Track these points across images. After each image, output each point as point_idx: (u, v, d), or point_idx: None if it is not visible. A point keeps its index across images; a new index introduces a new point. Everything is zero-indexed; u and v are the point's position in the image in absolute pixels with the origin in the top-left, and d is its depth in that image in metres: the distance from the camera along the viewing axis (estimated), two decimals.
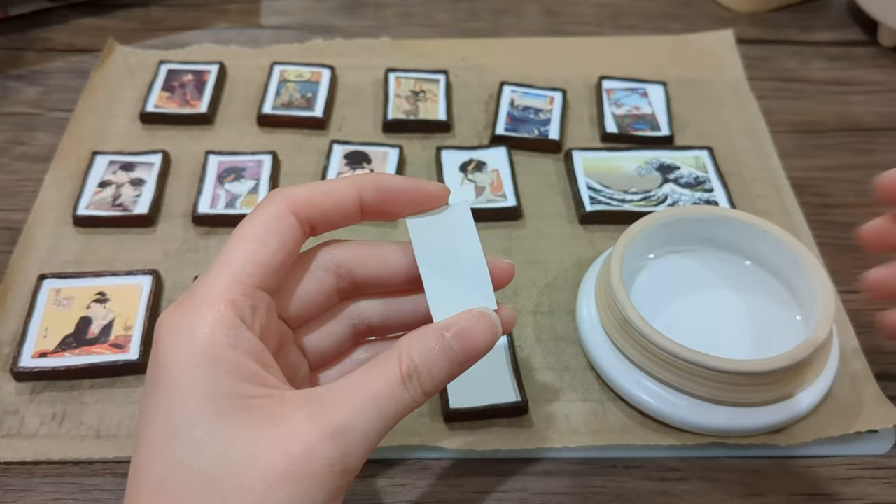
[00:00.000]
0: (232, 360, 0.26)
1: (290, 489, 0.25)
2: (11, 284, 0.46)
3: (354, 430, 0.27)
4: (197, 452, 0.25)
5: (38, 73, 0.62)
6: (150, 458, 0.26)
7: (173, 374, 0.26)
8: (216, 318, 0.27)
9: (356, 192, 0.30)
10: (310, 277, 0.31)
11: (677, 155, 0.55)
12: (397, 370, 0.28)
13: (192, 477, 0.25)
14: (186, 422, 0.26)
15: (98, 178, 0.52)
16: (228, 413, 0.26)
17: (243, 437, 0.26)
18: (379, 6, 0.70)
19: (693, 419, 0.40)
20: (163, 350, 0.27)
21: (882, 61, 0.66)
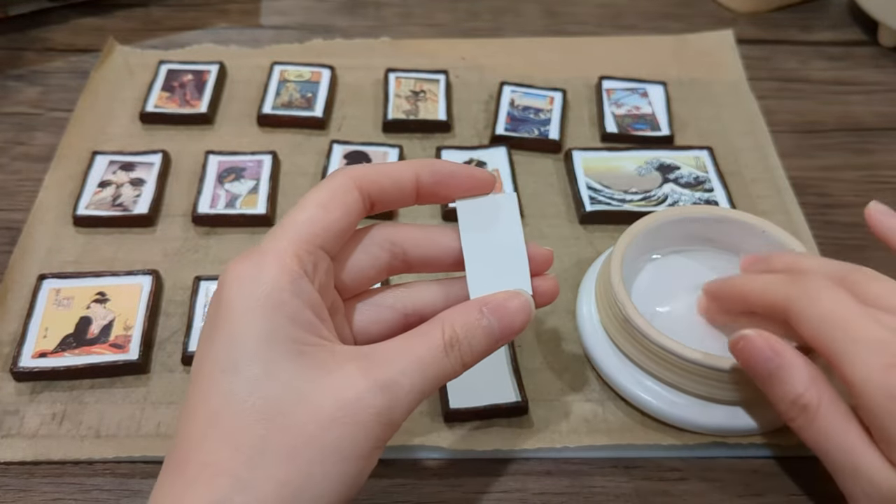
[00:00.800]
0: (292, 306, 0.28)
1: (338, 432, 0.27)
2: (11, 284, 0.46)
3: (401, 386, 0.28)
4: (252, 388, 0.27)
5: (38, 73, 0.62)
6: (205, 392, 0.28)
7: (235, 315, 0.28)
8: (281, 267, 0.29)
9: (413, 173, 0.33)
10: (364, 251, 0.33)
11: (677, 155, 0.55)
12: (440, 338, 0.30)
13: (246, 410, 0.27)
14: (244, 359, 0.27)
15: (98, 178, 0.52)
16: (284, 356, 0.27)
17: (297, 380, 0.27)
18: (379, 6, 0.70)
19: (693, 419, 0.40)
20: (227, 293, 0.28)
21: (882, 61, 0.66)
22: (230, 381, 0.27)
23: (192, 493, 0.26)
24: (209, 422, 0.27)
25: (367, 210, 0.32)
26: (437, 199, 0.34)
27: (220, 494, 0.26)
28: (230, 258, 0.48)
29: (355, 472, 0.28)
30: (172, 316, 0.46)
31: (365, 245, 0.33)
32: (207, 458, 0.27)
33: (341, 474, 0.27)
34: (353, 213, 0.31)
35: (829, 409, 0.33)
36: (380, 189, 0.32)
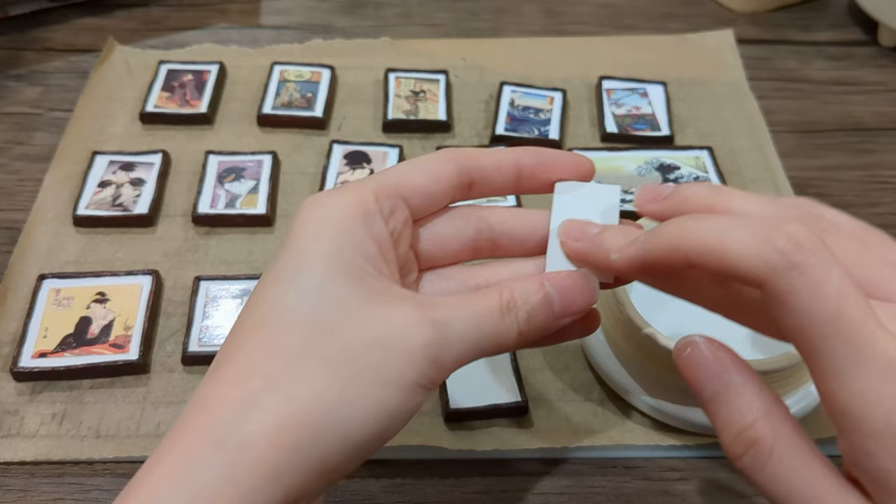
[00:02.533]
0: (359, 236, 0.28)
1: (381, 354, 0.26)
2: (11, 284, 0.46)
3: (451, 328, 0.27)
4: (302, 298, 0.27)
5: (38, 73, 0.62)
6: (258, 299, 0.28)
7: (304, 234, 0.28)
8: (358, 199, 0.29)
9: (514, 155, 0.32)
10: (450, 221, 0.33)
11: (677, 155, 0.55)
12: (496, 299, 0.29)
13: (292, 318, 0.27)
14: (302, 272, 0.27)
15: (98, 178, 0.52)
16: (342, 275, 0.27)
17: (350, 299, 0.27)
18: (379, 6, 0.70)
19: (693, 419, 0.40)
20: (302, 214, 0.29)
21: (882, 61, 0.66)
22: (283, 291, 0.27)
23: (221, 391, 0.26)
24: (253, 327, 0.27)
25: (466, 187, 0.32)
26: (538, 184, 0.33)
27: (249, 393, 0.26)
28: (230, 258, 0.49)
29: (394, 402, 0.26)
30: (172, 316, 0.46)
31: (451, 216, 0.33)
32: (243, 360, 0.27)
33: (379, 400, 0.26)
34: (445, 180, 0.31)
35: (787, 449, 0.25)
36: (478, 165, 0.32)
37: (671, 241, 0.27)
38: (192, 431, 0.26)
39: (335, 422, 0.25)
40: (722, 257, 0.25)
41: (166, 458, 0.25)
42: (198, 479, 0.25)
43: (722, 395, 0.27)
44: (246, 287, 0.46)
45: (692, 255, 0.26)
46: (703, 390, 0.28)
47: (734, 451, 0.27)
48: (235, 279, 0.46)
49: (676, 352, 0.29)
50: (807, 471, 0.25)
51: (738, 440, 0.26)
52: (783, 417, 0.26)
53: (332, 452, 0.26)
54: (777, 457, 0.25)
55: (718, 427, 0.27)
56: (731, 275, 0.25)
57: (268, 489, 0.25)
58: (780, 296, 0.24)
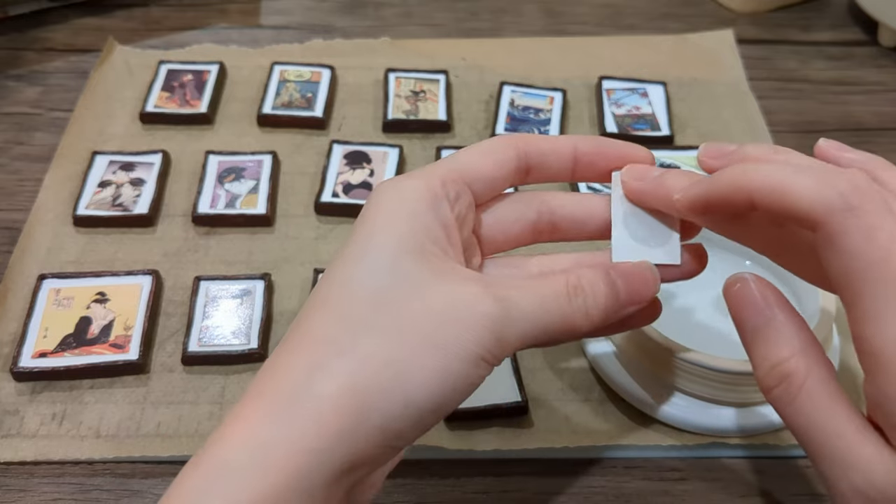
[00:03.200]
0: (427, 219, 0.29)
1: (445, 327, 0.27)
2: (11, 284, 0.46)
3: (516, 305, 0.28)
4: (370, 274, 0.28)
5: (38, 73, 0.62)
6: (326, 279, 0.29)
7: (374, 218, 0.29)
8: (426, 185, 0.30)
9: (572, 141, 0.33)
10: (511, 205, 0.34)
11: (677, 155, 0.55)
12: (563, 283, 0.29)
13: (360, 292, 0.28)
14: (370, 252, 0.28)
15: (98, 178, 0.52)
16: (409, 253, 0.28)
17: (416, 275, 0.28)
18: (379, 6, 0.70)
19: (693, 419, 0.40)
20: (373, 200, 0.30)
21: (882, 61, 0.66)
22: (351, 269, 0.28)
23: (289, 359, 0.27)
24: (321, 303, 0.28)
25: (523, 172, 0.33)
26: (595, 172, 0.33)
27: (316, 359, 0.26)
28: (230, 258, 0.49)
29: (456, 373, 0.27)
30: (172, 316, 0.46)
31: (512, 200, 0.34)
32: (310, 330, 0.28)
33: (442, 371, 0.27)
34: (506, 166, 0.32)
35: (817, 385, 0.27)
36: (537, 150, 0.32)
37: (735, 181, 0.28)
38: (260, 396, 0.27)
39: (398, 387, 0.26)
40: (784, 197, 0.26)
41: (235, 421, 0.26)
42: (265, 440, 0.25)
43: (762, 330, 0.29)
44: (246, 287, 0.46)
45: (756, 194, 0.27)
46: (745, 323, 0.30)
47: (767, 383, 0.28)
48: (235, 279, 0.46)
49: (726, 286, 0.30)
50: (833, 409, 0.27)
51: (773, 372, 0.28)
52: (818, 358, 0.28)
53: (395, 418, 0.26)
54: (807, 392, 0.27)
55: (755, 360, 0.29)
56: (791, 214, 0.27)
57: (333, 450, 0.25)
58: (833, 236, 0.26)
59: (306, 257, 0.49)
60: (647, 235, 0.32)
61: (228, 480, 0.25)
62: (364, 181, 0.53)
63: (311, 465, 0.25)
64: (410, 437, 0.27)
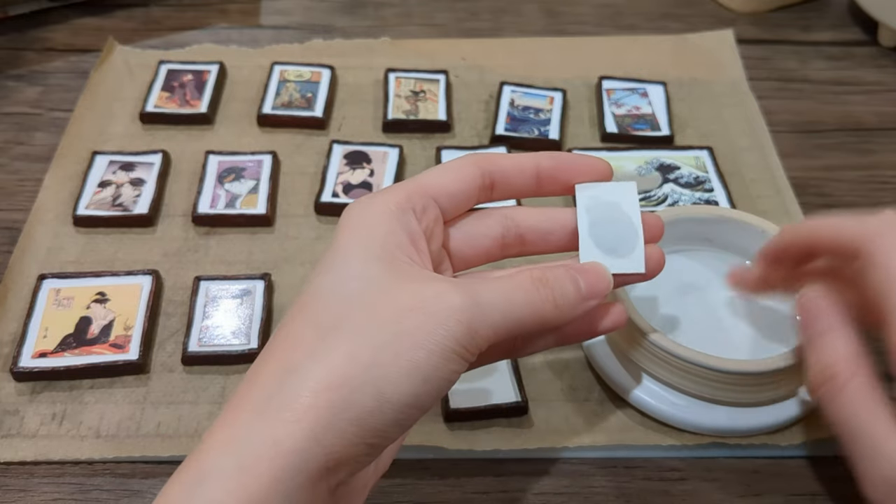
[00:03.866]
0: (392, 227, 0.30)
1: (413, 320, 0.28)
2: (11, 284, 0.46)
3: (484, 297, 0.29)
4: (340, 280, 0.29)
5: (38, 73, 0.62)
6: (304, 289, 0.30)
7: (343, 232, 0.31)
8: (392, 199, 0.31)
9: (534, 159, 0.35)
10: (478, 220, 0.35)
11: (677, 155, 0.55)
12: (528, 275, 0.31)
13: (331, 298, 0.29)
14: (340, 261, 0.30)
15: (98, 178, 0.52)
16: (375, 261, 0.30)
17: (383, 277, 0.29)
18: (379, 6, 0.70)
19: (693, 419, 0.40)
20: (343, 218, 0.32)
21: (882, 61, 0.66)
22: (323, 277, 0.30)
23: (266, 365, 0.28)
24: (297, 311, 0.29)
25: (487, 189, 0.34)
26: (557, 186, 0.35)
27: (289, 363, 0.28)
28: (230, 258, 0.49)
29: (427, 365, 0.27)
30: (172, 316, 0.46)
31: (479, 215, 0.35)
32: (286, 337, 0.29)
33: (411, 361, 0.27)
34: (469, 181, 0.33)
35: (858, 387, 0.33)
36: (499, 167, 0.34)
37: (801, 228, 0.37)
38: (239, 403, 0.28)
39: (370, 381, 0.27)
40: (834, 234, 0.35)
41: (216, 429, 0.27)
42: (243, 444, 0.26)
43: (822, 337, 0.35)
44: (246, 287, 0.46)
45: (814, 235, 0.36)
46: (810, 329, 0.36)
47: (816, 381, 0.35)
48: (235, 279, 0.46)
49: (801, 297, 0.37)
50: (869, 408, 0.32)
51: (821, 374, 0.34)
52: (863, 367, 0.34)
53: (369, 412, 0.27)
54: (849, 390, 0.33)
55: (810, 361, 0.35)
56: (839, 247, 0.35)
57: (309, 450, 0.26)
58: (870, 256, 0.33)
59: (306, 257, 0.49)
60: (612, 245, 0.34)
61: (208, 488, 0.25)
62: (364, 181, 0.53)
63: (290, 467, 0.26)
64: (389, 435, 0.28)
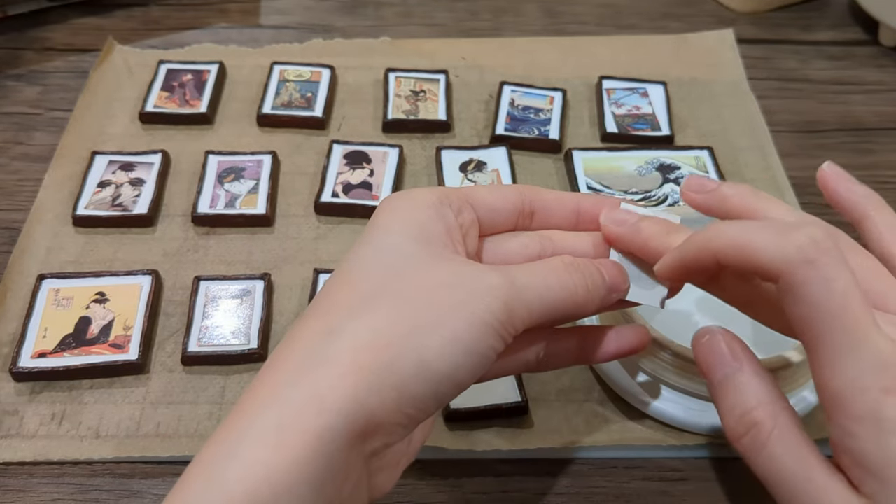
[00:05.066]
0: (430, 216, 0.31)
1: (453, 293, 0.28)
2: (10, 284, 0.46)
3: (519, 278, 0.30)
4: (379, 252, 0.30)
5: (38, 73, 0.62)
6: (341, 264, 0.31)
7: (382, 215, 0.31)
8: (430, 192, 0.32)
9: (576, 197, 0.35)
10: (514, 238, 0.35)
11: (677, 155, 0.55)
12: (560, 261, 0.31)
13: (370, 267, 0.30)
14: (378, 237, 0.31)
15: (97, 177, 0.52)
16: (414, 240, 0.30)
17: (422, 256, 0.30)
18: (379, 6, 0.70)
19: (693, 419, 0.40)
20: (383, 205, 0.32)
21: (883, 61, 0.66)
22: (363, 251, 0.30)
23: (307, 326, 0.29)
24: (336, 279, 0.30)
25: (527, 215, 0.34)
26: (595, 224, 0.35)
27: (330, 324, 0.28)
28: (230, 258, 0.49)
29: (467, 337, 0.28)
30: (172, 316, 0.46)
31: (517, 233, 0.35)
32: (326, 301, 0.29)
33: (452, 331, 0.27)
34: (509, 199, 0.34)
35: (785, 433, 0.28)
36: (541, 197, 0.35)
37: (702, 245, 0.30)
38: (277, 363, 0.28)
39: (411, 346, 0.27)
40: (746, 253, 0.28)
41: (254, 389, 0.27)
42: (285, 401, 0.26)
43: (731, 381, 0.30)
44: (246, 287, 0.46)
45: (720, 254, 0.29)
46: (714, 374, 0.30)
47: (736, 432, 0.29)
48: (235, 279, 0.46)
49: (696, 338, 0.31)
50: (801, 455, 0.28)
51: (741, 421, 0.29)
52: (783, 407, 0.29)
53: (410, 377, 0.27)
54: (775, 440, 0.28)
55: (723, 410, 0.30)
56: (753, 269, 0.28)
57: (349, 410, 0.26)
58: (794, 287, 0.27)
59: (306, 257, 0.49)
60: (637, 274, 0.34)
61: (249, 446, 0.25)
62: (364, 181, 0.53)
63: (333, 425, 0.26)
64: (426, 406, 0.28)
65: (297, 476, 0.25)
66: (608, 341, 0.34)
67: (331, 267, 0.48)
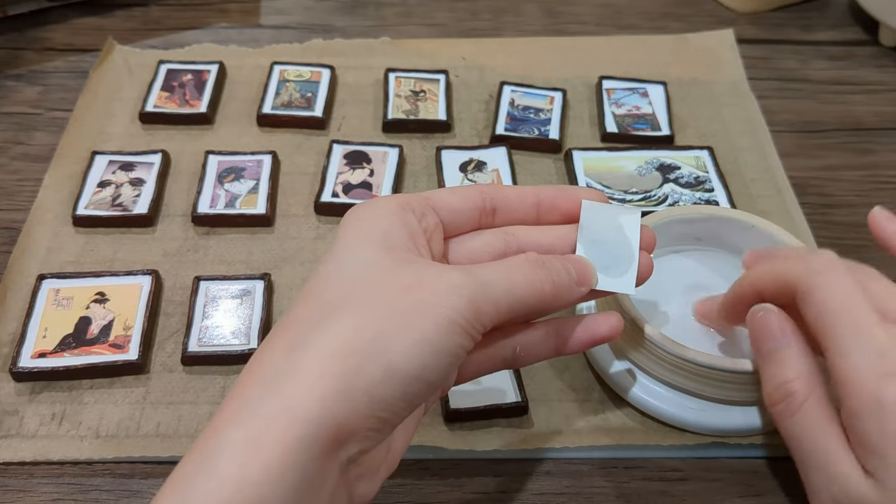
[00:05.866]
0: (392, 223, 0.31)
1: (416, 296, 0.29)
2: (10, 284, 0.46)
3: (483, 275, 0.30)
4: (343, 267, 0.30)
5: (38, 73, 0.62)
6: (308, 279, 0.31)
7: (346, 227, 0.32)
8: (393, 200, 0.32)
9: (536, 189, 0.36)
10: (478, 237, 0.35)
11: (677, 155, 0.55)
12: (523, 258, 0.32)
13: (334, 281, 0.30)
14: (342, 251, 0.31)
15: (97, 177, 0.52)
16: (376, 247, 0.31)
17: (385, 262, 0.30)
18: (379, 6, 0.70)
19: (693, 419, 0.40)
20: (346, 217, 0.33)
21: (883, 61, 0.66)
22: (328, 266, 0.31)
23: (273, 343, 0.29)
24: (301, 298, 0.30)
25: (489, 213, 0.35)
26: (556, 214, 0.36)
27: (299, 337, 0.28)
28: (230, 258, 0.49)
29: (433, 337, 0.28)
30: (172, 316, 0.46)
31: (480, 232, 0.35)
32: (292, 318, 0.29)
33: (418, 332, 0.28)
34: (470, 199, 0.35)
35: (814, 406, 0.33)
36: (502, 194, 0.35)
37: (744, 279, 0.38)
38: (246, 381, 0.28)
39: (377, 351, 0.27)
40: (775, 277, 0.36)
41: (225, 407, 0.28)
42: (253, 416, 0.26)
43: (776, 353, 0.35)
44: (246, 287, 0.46)
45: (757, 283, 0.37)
46: (763, 345, 0.36)
47: (773, 398, 0.35)
48: (235, 279, 0.46)
49: (752, 313, 0.37)
50: (824, 427, 0.33)
51: (778, 390, 0.34)
52: (819, 383, 0.34)
53: (378, 381, 0.27)
54: (806, 409, 0.33)
55: (765, 377, 0.36)
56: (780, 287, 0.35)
57: (320, 419, 0.26)
58: (806, 294, 0.34)
59: (306, 257, 0.49)
60: (607, 264, 0.35)
61: (220, 463, 0.25)
62: (364, 181, 0.53)
63: (303, 436, 0.26)
64: (398, 409, 0.28)
65: (270, 488, 0.25)
66: (581, 330, 0.35)
67: None
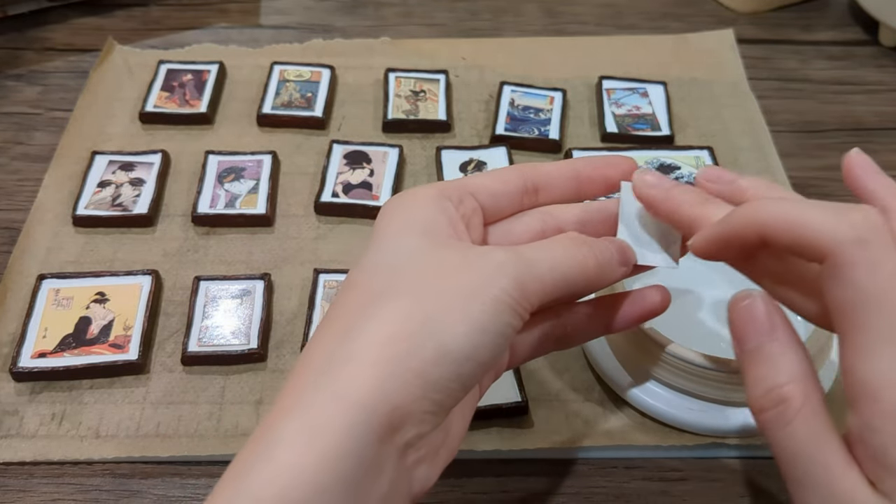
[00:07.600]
0: (430, 211, 0.31)
1: (460, 277, 0.28)
2: (10, 284, 0.46)
3: (527, 254, 0.30)
4: (383, 255, 0.30)
5: (38, 73, 0.62)
6: (351, 270, 0.31)
7: (385, 217, 0.32)
8: (430, 189, 0.32)
9: (572, 163, 0.36)
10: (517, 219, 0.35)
11: (677, 155, 0.55)
12: (567, 236, 0.32)
13: (378, 270, 0.30)
14: (382, 239, 0.31)
15: (97, 177, 0.52)
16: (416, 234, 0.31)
17: (425, 247, 0.30)
18: (379, 6, 0.70)
19: (693, 419, 0.40)
20: (384, 207, 0.33)
21: (883, 61, 0.66)
22: (370, 255, 0.31)
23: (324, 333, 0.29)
24: (346, 286, 0.30)
25: (531, 192, 0.35)
26: (596, 185, 0.35)
27: (348, 326, 0.28)
28: (230, 258, 0.49)
29: (481, 316, 0.28)
30: (172, 316, 0.46)
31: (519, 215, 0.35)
32: (339, 309, 0.29)
33: (467, 312, 0.28)
34: (510, 182, 0.34)
35: (812, 415, 0.27)
36: (541, 172, 0.35)
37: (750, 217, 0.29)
38: (301, 371, 0.28)
39: (428, 333, 0.27)
40: (796, 229, 0.27)
41: (281, 398, 0.27)
42: (308, 405, 0.26)
43: (764, 351, 0.28)
44: (246, 287, 0.46)
45: (768, 229, 0.28)
46: (747, 342, 0.29)
47: (761, 405, 0.28)
48: (235, 279, 0.46)
49: (734, 301, 0.29)
50: (823, 440, 0.27)
51: (769, 395, 0.28)
52: (816, 387, 0.28)
53: (431, 363, 0.27)
54: (801, 419, 0.27)
55: (750, 380, 0.29)
56: (801, 246, 0.27)
57: (375, 403, 0.26)
58: (840, 267, 0.26)
59: (306, 257, 0.49)
60: (649, 240, 0.34)
61: (279, 453, 0.25)
62: (364, 181, 0.53)
63: (358, 422, 0.26)
64: (451, 391, 0.28)
65: (328, 476, 0.25)
66: (629, 304, 0.35)
67: (331, 267, 0.48)
